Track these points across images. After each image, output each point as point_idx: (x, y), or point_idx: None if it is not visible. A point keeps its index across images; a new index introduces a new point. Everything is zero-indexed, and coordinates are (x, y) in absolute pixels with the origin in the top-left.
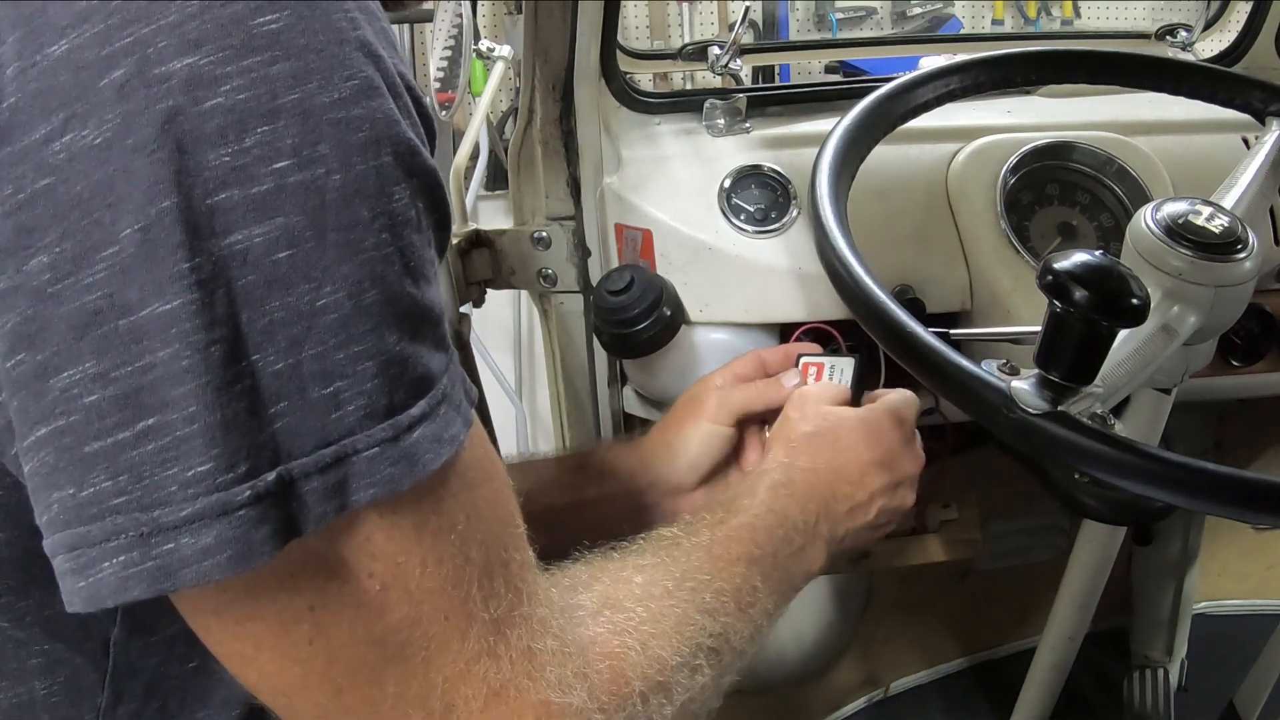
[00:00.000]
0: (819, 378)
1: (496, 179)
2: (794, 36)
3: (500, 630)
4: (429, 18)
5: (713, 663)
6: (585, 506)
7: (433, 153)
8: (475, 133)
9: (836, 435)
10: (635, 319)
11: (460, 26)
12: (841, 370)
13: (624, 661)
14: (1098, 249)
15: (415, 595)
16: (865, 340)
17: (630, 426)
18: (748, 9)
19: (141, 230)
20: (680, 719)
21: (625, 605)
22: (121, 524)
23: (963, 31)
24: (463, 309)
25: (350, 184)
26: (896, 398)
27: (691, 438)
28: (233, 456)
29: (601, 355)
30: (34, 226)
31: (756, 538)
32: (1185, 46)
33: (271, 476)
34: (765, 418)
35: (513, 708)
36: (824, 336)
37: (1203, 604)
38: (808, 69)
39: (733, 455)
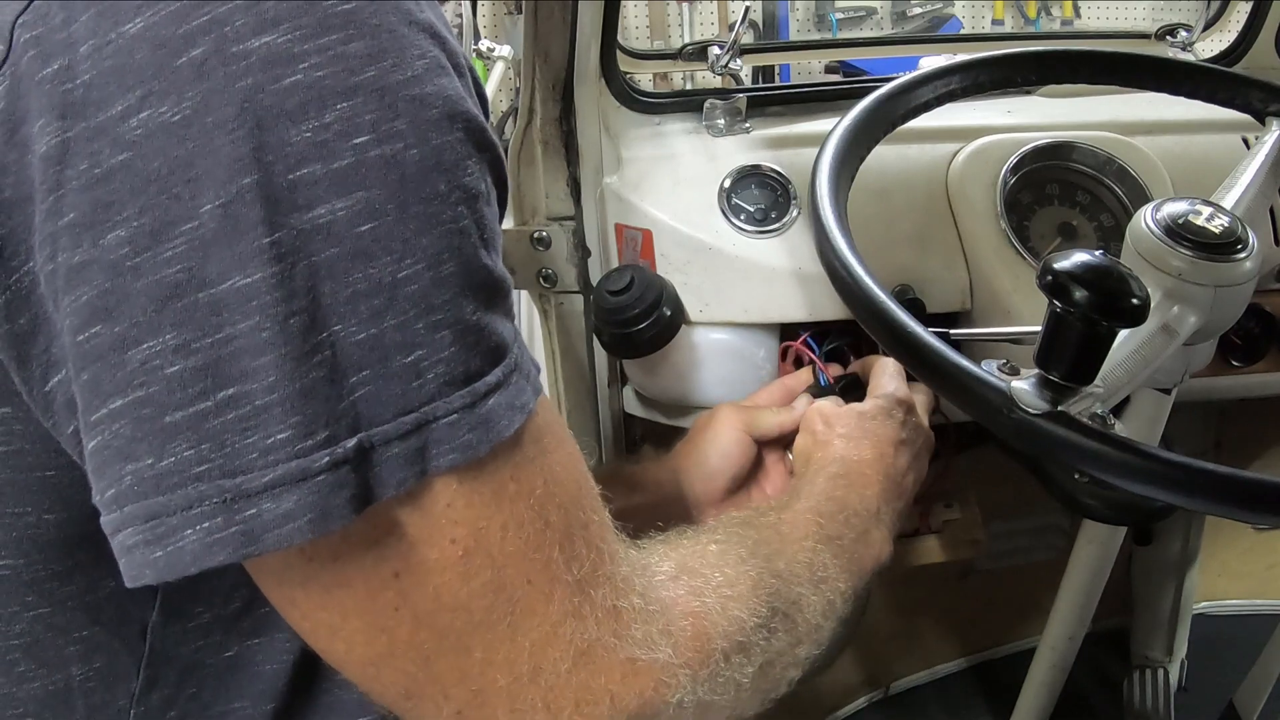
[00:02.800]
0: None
1: None
2: (794, 36)
3: (584, 590)
4: None
5: (787, 628)
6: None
7: (491, 129)
8: None
9: (865, 429)
10: (635, 319)
11: (460, 26)
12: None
13: (706, 620)
14: (1098, 249)
15: (498, 560)
16: (865, 340)
17: (630, 427)
18: (748, 9)
19: (222, 206)
20: (761, 681)
21: (701, 571)
22: (205, 491)
23: (963, 31)
24: None
25: (428, 158)
26: (886, 380)
27: (713, 445)
28: (311, 424)
29: (601, 355)
30: (111, 201)
31: (822, 520)
32: (1185, 46)
33: (351, 443)
34: (784, 441)
35: (600, 666)
36: (823, 339)
37: (1203, 604)
38: (808, 69)
39: (754, 471)
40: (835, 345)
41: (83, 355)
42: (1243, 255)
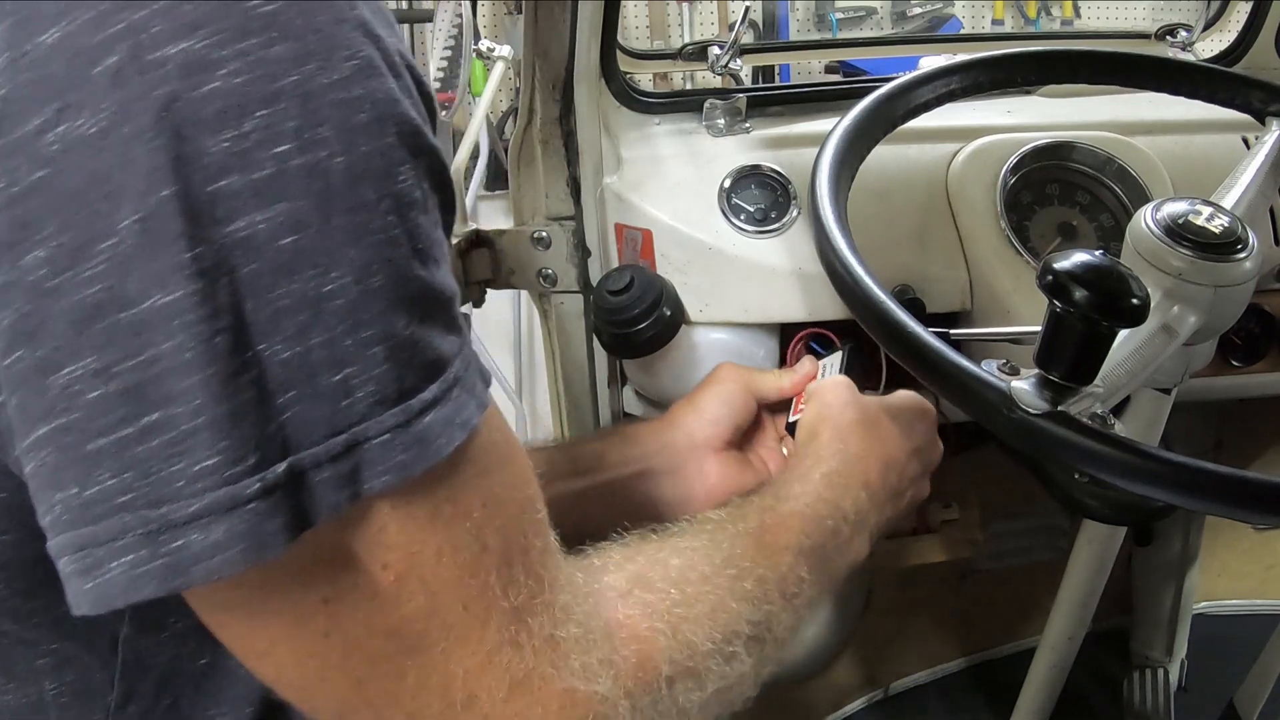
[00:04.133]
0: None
1: (496, 179)
2: (794, 36)
3: (521, 619)
4: (429, 18)
5: (753, 651)
6: (616, 466)
7: (434, 132)
8: (475, 133)
9: (879, 423)
10: (635, 319)
11: (460, 26)
12: (832, 365)
13: (652, 645)
14: (1098, 249)
15: (431, 585)
16: (865, 339)
17: None
18: (748, 9)
19: (141, 220)
20: (716, 706)
21: (657, 585)
22: (129, 522)
23: (963, 31)
24: (463, 309)
25: (355, 166)
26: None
27: (713, 392)
28: (241, 448)
29: (601, 355)
30: (29, 220)
31: (807, 528)
32: (1185, 46)
33: (282, 468)
34: (783, 414)
35: (536, 697)
36: (824, 341)
37: (1203, 604)
38: (808, 69)
39: (754, 436)
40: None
41: (10, 380)
42: (1243, 255)
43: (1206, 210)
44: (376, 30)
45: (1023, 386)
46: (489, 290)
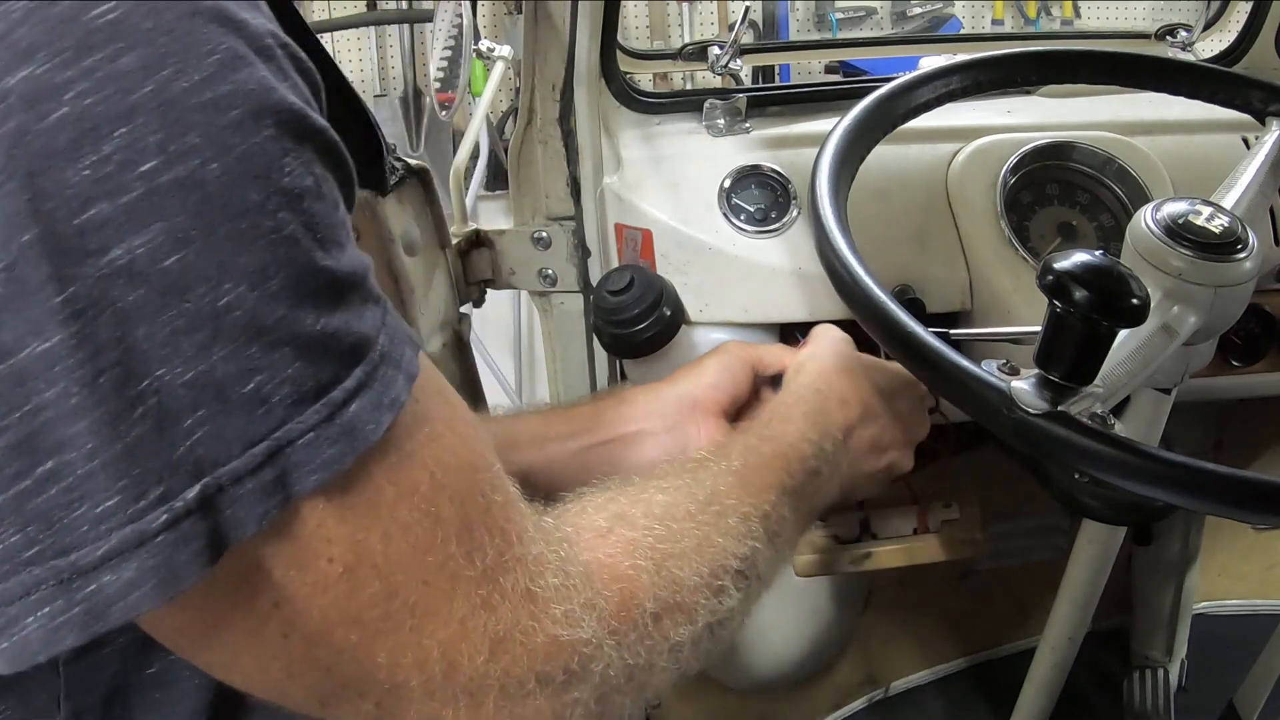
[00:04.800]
0: None
1: (496, 179)
2: (794, 36)
3: (493, 579)
4: (429, 18)
5: (740, 586)
6: (612, 425)
7: (321, 108)
8: (475, 133)
9: (865, 373)
10: (635, 319)
11: (460, 26)
12: None
13: (634, 584)
14: (1098, 249)
15: (384, 569)
16: (866, 339)
17: None
18: (748, 9)
19: (5, 270)
20: (708, 642)
21: (640, 522)
22: (39, 575)
23: (963, 31)
24: (463, 309)
25: (232, 169)
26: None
27: (714, 362)
28: (141, 484)
29: (601, 355)
30: None
31: (790, 468)
32: (1185, 46)
33: (193, 492)
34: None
35: (519, 652)
36: None
37: (1203, 604)
38: (808, 69)
39: (747, 407)
40: None
41: None
42: (1243, 255)
43: (1206, 210)
44: (238, 15)
45: (1023, 386)
46: (489, 290)
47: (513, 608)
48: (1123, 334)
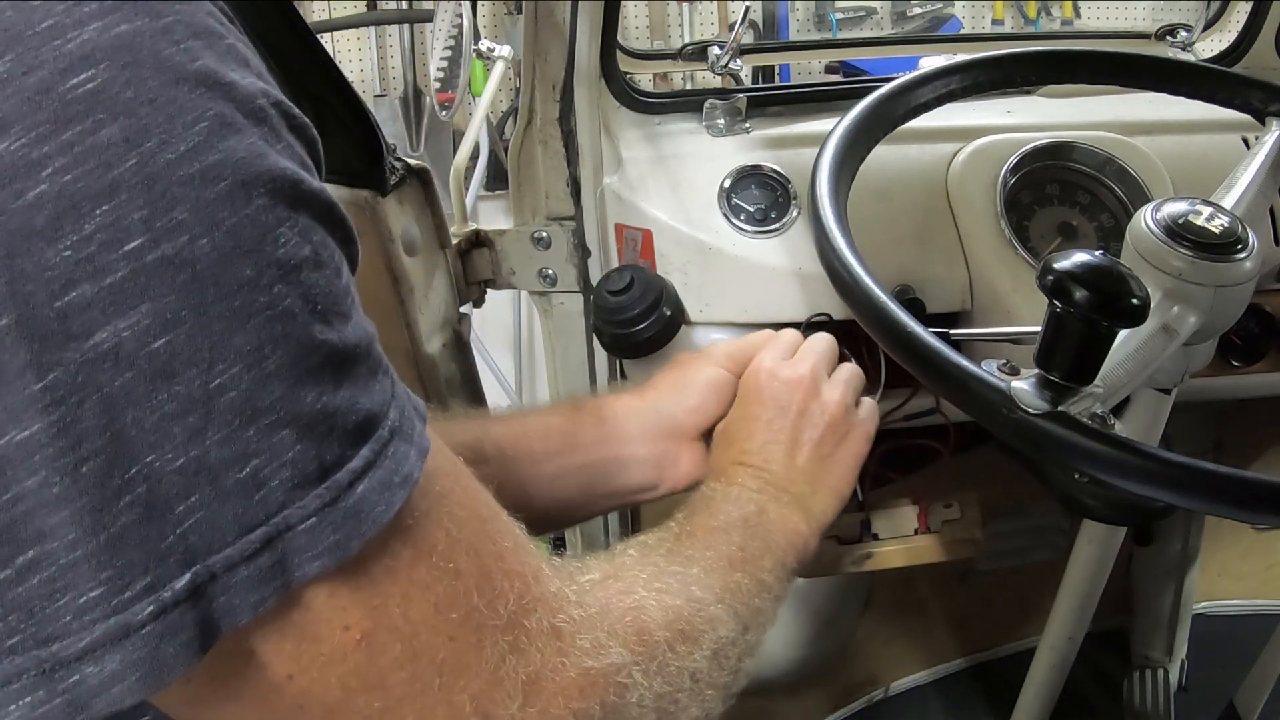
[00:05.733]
0: None
1: (496, 179)
2: (794, 36)
3: (518, 623)
4: (429, 18)
5: (728, 614)
6: (588, 448)
7: (319, 166)
8: (475, 133)
9: (763, 386)
10: (635, 319)
11: (460, 26)
12: None
13: (643, 614)
14: (1098, 249)
15: (405, 631)
16: (865, 338)
17: None
18: (748, 9)
19: None
20: (716, 672)
21: (626, 574)
22: (21, 664)
23: (963, 31)
24: (463, 309)
25: (223, 244)
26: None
27: (698, 380)
28: (126, 574)
29: (601, 355)
30: None
31: (727, 537)
32: (1185, 46)
33: (182, 581)
34: None
35: (553, 690)
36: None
37: (1203, 604)
38: (808, 69)
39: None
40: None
41: None
42: (1243, 255)
43: (1206, 210)
44: (225, 77)
45: (1023, 386)
46: (489, 290)
47: (541, 647)
48: (1123, 334)
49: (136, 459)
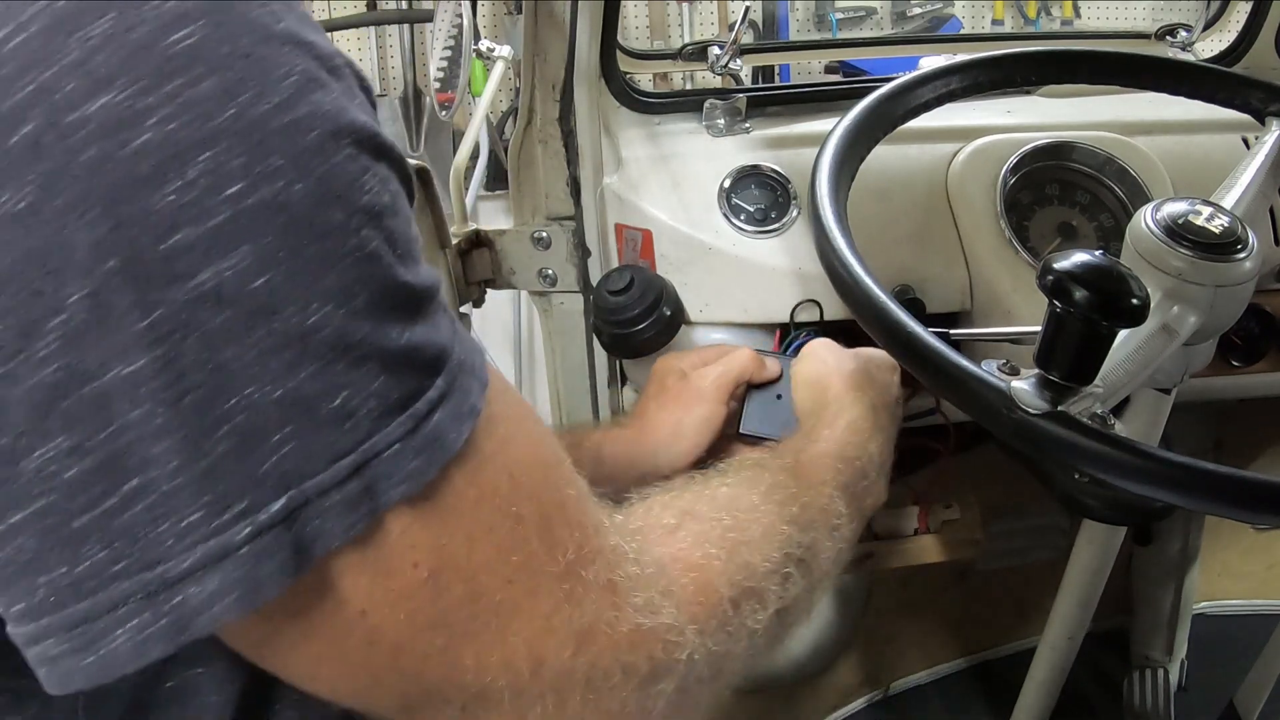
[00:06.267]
0: None
1: (496, 179)
2: (794, 36)
3: (575, 573)
4: (429, 18)
5: (804, 573)
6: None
7: (379, 122)
8: (475, 133)
9: (877, 373)
10: (635, 319)
11: (460, 26)
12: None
13: (708, 571)
14: (1098, 249)
15: (468, 571)
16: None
17: None
18: (748, 9)
19: (90, 296)
20: (777, 629)
21: (707, 515)
22: (127, 589)
23: (963, 31)
24: (463, 309)
25: (315, 190)
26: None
27: (693, 421)
28: (225, 499)
29: (601, 355)
30: None
31: (839, 465)
32: (1185, 46)
33: (278, 505)
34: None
35: (605, 643)
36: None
37: (1203, 604)
38: (808, 69)
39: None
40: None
41: None
42: (1243, 255)
43: (1206, 210)
44: (307, 37)
45: (1023, 386)
46: (489, 290)
47: (596, 600)
48: (1123, 334)
49: (235, 392)
